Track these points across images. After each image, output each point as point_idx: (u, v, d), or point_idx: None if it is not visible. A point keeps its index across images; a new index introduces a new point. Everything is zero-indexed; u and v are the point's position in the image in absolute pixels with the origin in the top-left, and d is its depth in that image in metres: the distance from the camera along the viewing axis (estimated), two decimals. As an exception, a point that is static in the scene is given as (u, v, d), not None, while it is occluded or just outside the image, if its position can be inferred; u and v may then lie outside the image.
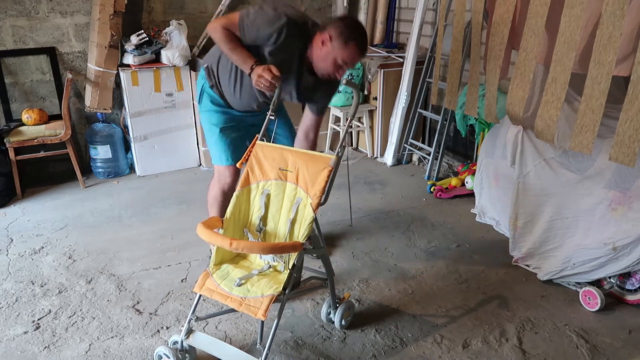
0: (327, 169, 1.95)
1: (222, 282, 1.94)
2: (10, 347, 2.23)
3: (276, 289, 1.85)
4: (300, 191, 2.03)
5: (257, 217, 2.11)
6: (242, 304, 1.86)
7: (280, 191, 2.08)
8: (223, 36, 2.21)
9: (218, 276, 1.97)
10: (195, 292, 1.97)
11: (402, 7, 4.48)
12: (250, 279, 1.94)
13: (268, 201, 2.09)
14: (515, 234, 2.84)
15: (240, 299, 1.87)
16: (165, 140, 4.15)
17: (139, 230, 3.27)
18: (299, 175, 2.03)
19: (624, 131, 2.13)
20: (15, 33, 3.80)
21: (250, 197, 2.12)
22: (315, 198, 1.94)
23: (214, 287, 1.93)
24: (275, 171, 2.08)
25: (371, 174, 4.17)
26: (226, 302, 1.89)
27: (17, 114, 3.88)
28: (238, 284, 1.90)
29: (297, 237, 2.02)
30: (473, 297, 2.56)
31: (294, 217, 2.04)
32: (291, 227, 2.05)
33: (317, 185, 1.95)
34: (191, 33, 4.21)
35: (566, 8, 2.28)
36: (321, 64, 2.18)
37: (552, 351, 2.19)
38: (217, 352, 1.99)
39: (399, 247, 3.03)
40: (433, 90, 3.75)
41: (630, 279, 2.44)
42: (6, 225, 3.33)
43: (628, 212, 2.33)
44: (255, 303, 1.84)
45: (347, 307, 2.30)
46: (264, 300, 1.83)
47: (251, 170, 2.11)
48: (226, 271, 2.00)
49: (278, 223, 2.10)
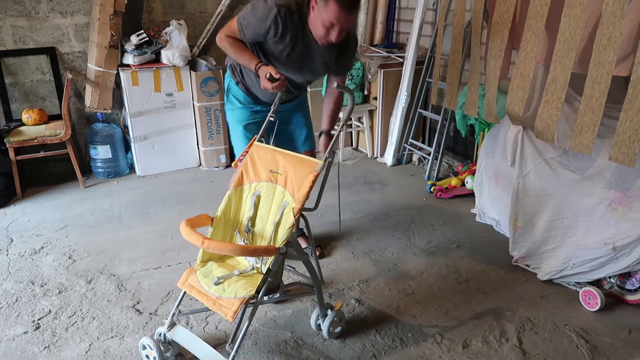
0: (312, 174, 1.93)
1: (203, 279, 1.95)
2: (10, 347, 2.23)
3: (249, 292, 1.85)
4: (287, 195, 2.02)
5: (247, 218, 2.11)
6: (215, 303, 1.87)
7: (270, 193, 2.09)
8: (227, 44, 2.31)
9: (201, 273, 1.99)
10: (178, 287, 1.99)
11: (402, 7, 4.48)
12: (229, 278, 1.95)
13: (258, 202, 2.10)
14: (515, 234, 2.84)
15: (215, 298, 1.88)
16: (165, 140, 4.15)
17: (139, 230, 3.27)
18: (287, 179, 2.03)
19: (624, 131, 2.13)
20: (15, 33, 3.80)
21: (242, 197, 2.13)
22: (298, 203, 1.92)
23: (195, 283, 1.95)
24: (267, 173, 2.08)
25: (371, 174, 4.17)
26: (202, 300, 1.90)
27: (17, 114, 3.88)
28: (216, 283, 1.91)
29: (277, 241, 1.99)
30: (473, 297, 2.56)
31: (279, 220, 2.02)
32: (275, 230, 2.03)
33: (302, 189, 1.94)
34: (191, 33, 4.21)
35: (566, 8, 2.28)
36: (315, 30, 2.19)
37: (552, 351, 2.19)
38: (190, 347, 2.00)
39: (399, 247, 3.03)
40: (433, 90, 3.75)
41: (630, 279, 2.44)
42: (6, 225, 3.33)
43: (628, 212, 2.33)
44: (227, 304, 1.84)
45: (336, 316, 2.22)
46: (235, 302, 1.83)
47: (245, 170, 2.12)
48: (210, 269, 2.01)
49: (265, 225, 2.10)
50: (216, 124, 4.19)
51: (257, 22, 2.19)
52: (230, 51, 2.34)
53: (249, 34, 2.24)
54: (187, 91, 4.10)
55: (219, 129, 4.21)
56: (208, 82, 4.04)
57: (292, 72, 2.37)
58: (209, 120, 4.16)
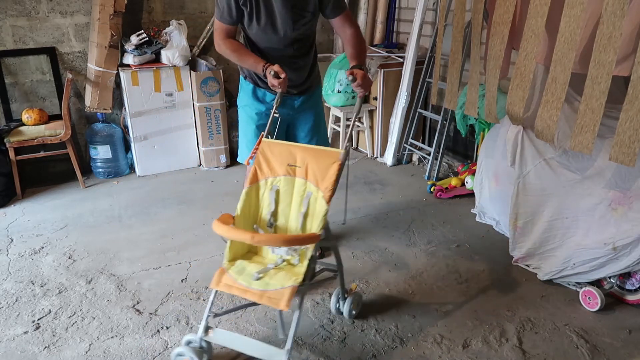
0: (336, 163, 2.02)
1: (239, 277, 1.98)
2: (10, 347, 2.23)
3: (296, 280, 1.90)
4: (310, 185, 2.09)
5: (268, 213, 2.16)
6: (262, 296, 1.90)
7: (289, 187, 2.14)
8: (227, 49, 2.37)
9: (234, 272, 2.00)
10: (212, 288, 1.99)
11: (402, 7, 4.48)
12: (267, 272, 1.99)
13: (278, 197, 2.15)
14: (515, 234, 2.84)
15: (260, 292, 1.91)
16: (165, 140, 4.15)
17: (139, 230, 3.27)
18: (308, 170, 2.10)
19: (624, 131, 2.13)
20: (15, 33, 3.80)
21: (259, 193, 2.17)
22: (328, 191, 2.01)
23: (232, 282, 1.97)
24: (284, 167, 2.14)
25: (371, 174, 4.17)
26: (246, 296, 1.93)
27: (17, 114, 3.88)
28: (256, 278, 1.94)
29: (311, 230, 2.08)
30: (473, 297, 2.56)
31: (306, 210, 2.10)
32: (304, 221, 2.10)
33: (328, 179, 2.02)
34: (191, 33, 4.21)
35: (566, 8, 2.28)
36: None
37: (552, 351, 2.19)
38: (238, 346, 2.03)
39: (399, 247, 3.03)
40: (433, 90, 3.75)
41: (630, 279, 2.44)
42: (6, 225, 3.33)
43: (628, 212, 2.33)
44: (277, 295, 1.87)
45: (355, 298, 2.36)
46: (285, 291, 1.87)
47: (259, 167, 2.17)
48: (242, 267, 2.04)
49: (288, 218, 2.16)
50: (216, 124, 4.18)
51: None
52: (232, 57, 2.38)
53: (231, 17, 2.32)
54: (187, 91, 4.10)
55: (219, 129, 4.21)
56: (208, 82, 4.04)
57: (275, 39, 2.38)
58: (209, 120, 4.16)
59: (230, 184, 3.98)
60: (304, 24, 2.40)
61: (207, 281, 2.67)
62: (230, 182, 4.02)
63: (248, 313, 2.42)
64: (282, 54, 2.43)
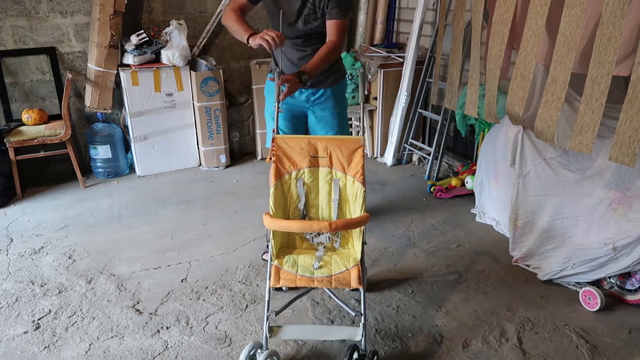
0: (361, 148, 2.13)
1: (299, 269, 2.03)
2: (10, 347, 2.23)
3: (355, 260, 2.04)
4: (336, 172, 2.18)
5: (300, 205, 2.22)
6: (332, 281, 1.99)
7: (314, 177, 2.21)
8: (228, 18, 2.38)
9: (288, 266, 2.05)
10: (273, 286, 2.03)
11: (402, 7, 4.48)
12: (322, 259, 2.09)
13: (306, 188, 2.21)
14: (515, 234, 2.84)
15: (327, 278, 2.00)
16: (165, 140, 4.15)
17: (139, 230, 3.27)
18: (332, 158, 2.17)
19: (624, 131, 2.13)
20: (15, 33, 3.80)
21: (284, 188, 2.21)
22: (359, 176, 2.12)
23: (292, 276, 2.01)
24: (307, 159, 2.19)
25: (371, 174, 4.17)
26: (314, 285, 2.00)
27: (17, 114, 3.88)
28: (318, 267, 2.04)
29: (350, 214, 2.18)
30: (473, 297, 2.56)
31: (338, 197, 2.18)
32: (339, 207, 2.19)
33: (356, 164, 2.13)
34: (191, 33, 4.21)
35: (566, 8, 2.28)
36: None
37: (552, 351, 2.19)
38: (313, 335, 2.16)
39: (399, 247, 3.03)
40: (433, 90, 3.75)
41: (630, 279, 2.44)
42: (6, 225, 3.33)
43: (628, 212, 2.33)
44: (345, 275, 1.99)
45: None
46: (352, 271, 2.00)
47: (280, 163, 2.20)
48: (292, 260, 2.08)
49: (319, 206, 2.24)
50: (216, 124, 4.18)
51: None
52: (229, 24, 2.38)
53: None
54: (187, 91, 4.10)
55: (219, 129, 4.21)
56: (208, 82, 4.04)
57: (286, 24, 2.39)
58: (209, 120, 4.16)
59: (230, 184, 3.98)
60: (314, 19, 2.42)
61: (207, 281, 2.68)
62: (230, 182, 4.02)
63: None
64: (292, 42, 2.47)
